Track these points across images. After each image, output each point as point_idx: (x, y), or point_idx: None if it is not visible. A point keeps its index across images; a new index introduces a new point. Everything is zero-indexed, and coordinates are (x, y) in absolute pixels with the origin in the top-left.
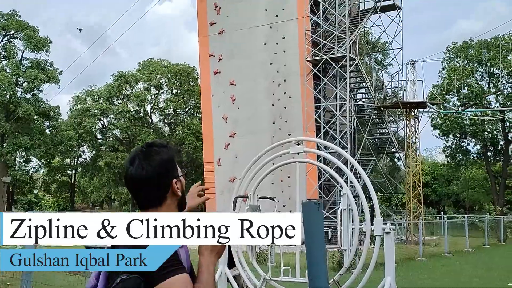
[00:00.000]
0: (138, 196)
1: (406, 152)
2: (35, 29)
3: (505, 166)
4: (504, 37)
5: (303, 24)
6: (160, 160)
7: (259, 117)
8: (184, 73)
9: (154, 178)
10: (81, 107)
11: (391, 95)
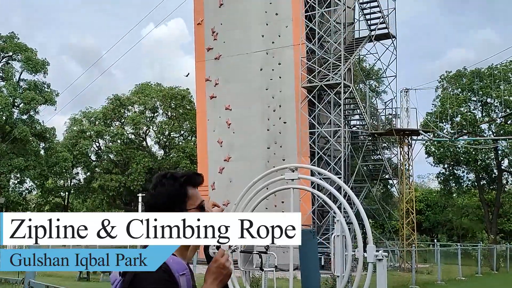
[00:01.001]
0: None
1: (399, 179)
2: (34, 51)
3: (498, 195)
4: (497, 66)
5: (299, 51)
6: (165, 192)
7: (254, 142)
8: (179, 97)
9: (161, 208)
10: (77, 129)
11: (385, 122)
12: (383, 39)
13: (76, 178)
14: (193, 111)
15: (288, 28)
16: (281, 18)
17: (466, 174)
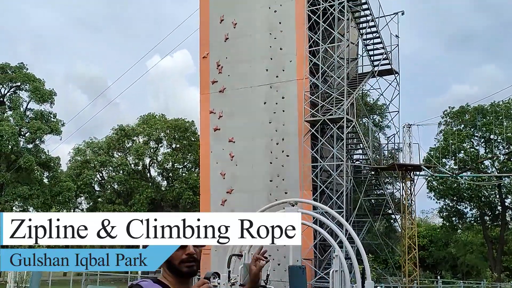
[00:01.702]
0: None
1: (402, 214)
2: (41, 81)
3: (502, 232)
4: (499, 103)
5: (302, 85)
6: None
7: (256, 175)
8: (183, 128)
9: None
10: (81, 159)
11: (387, 156)
12: (386, 74)
13: (79, 207)
14: (196, 142)
15: (292, 63)
16: (285, 53)
17: (470, 210)
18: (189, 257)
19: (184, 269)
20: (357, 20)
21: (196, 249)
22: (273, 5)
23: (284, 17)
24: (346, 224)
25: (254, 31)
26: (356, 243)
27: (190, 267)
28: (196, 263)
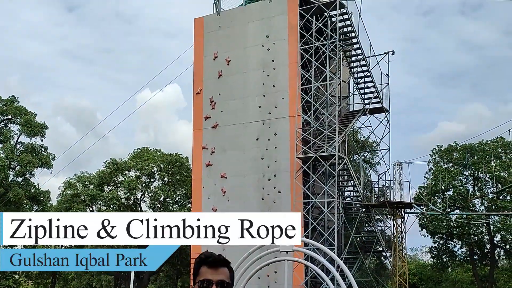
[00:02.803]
0: None
1: (392, 252)
2: (33, 114)
3: (492, 270)
4: (488, 142)
5: (294, 122)
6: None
7: (248, 210)
8: (177, 163)
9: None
10: (71, 193)
11: (378, 194)
12: (377, 112)
13: None
14: (189, 178)
15: (284, 100)
16: (278, 90)
17: (459, 248)
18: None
19: None
20: (348, 59)
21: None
22: (266, 43)
23: (277, 55)
24: (338, 260)
25: (247, 68)
26: (349, 279)
27: None
28: None
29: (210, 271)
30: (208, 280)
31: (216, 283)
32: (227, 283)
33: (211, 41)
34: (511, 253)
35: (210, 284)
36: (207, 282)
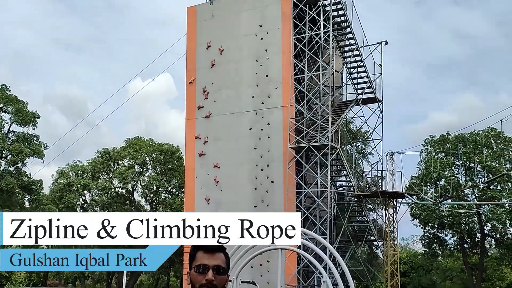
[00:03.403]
0: None
1: (384, 241)
2: (24, 103)
3: (481, 259)
4: (479, 132)
5: (287, 112)
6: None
7: (241, 200)
8: (169, 153)
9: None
10: (64, 182)
11: (370, 184)
12: (369, 102)
13: None
14: (181, 167)
15: (277, 90)
16: (271, 80)
17: (450, 237)
18: (207, 283)
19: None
20: (342, 49)
21: (217, 276)
22: (260, 33)
23: (270, 45)
24: (331, 248)
25: (241, 58)
26: (342, 267)
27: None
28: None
29: (207, 256)
30: (204, 265)
31: (212, 267)
32: (223, 268)
33: (204, 30)
34: (501, 242)
35: (206, 268)
36: (203, 266)
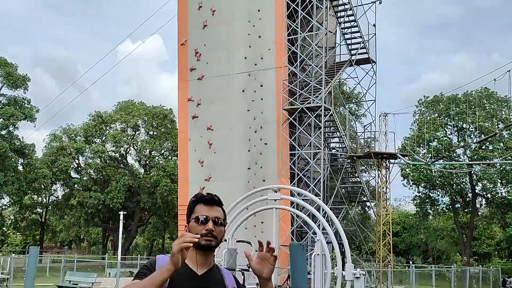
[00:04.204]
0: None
1: (377, 201)
2: (14, 66)
3: (472, 218)
4: (472, 93)
5: (280, 73)
6: (187, 206)
7: (234, 163)
8: (161, 116)
9: (186, 216)
10: (56, 145)
11: (363, 145)
12: (363, 63)
13: (55, 195)
14: (174, 130)
15: (270, 51)
16: (264, 41)
17: (442, 197)
18: (208, 233)
19: (202, 243)
20: (335, 9)
21: (216, 228)
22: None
23: (263, 5)
24: (325, 207)
25: (233, 18)
26: (336, 225)
27: (208, 241)
28: (215, 240)
29: (206, 209)
30: (204, 216)
31: (212, 219)
32: (222, 220)
33: None
34: (491, 201)
35: (206, 219)
36: (203, 218)
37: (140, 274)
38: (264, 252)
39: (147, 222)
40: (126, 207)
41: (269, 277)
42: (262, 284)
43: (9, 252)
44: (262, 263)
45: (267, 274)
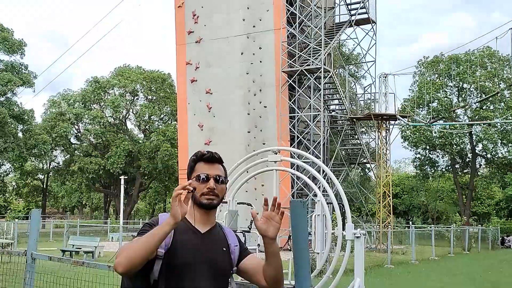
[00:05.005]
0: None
1: (377, 163)
2: (10, 31)
3: (472, 178)
4: (474, 52)
5: (279, 35)
6: (188, 164)
7: (234, 126)
8: (160, 80)
9: (187, 174)
10: (55, 111)
11: (363, 107)
12: (363, 24)
13: (55, 161)
14: (173, 94)
15: (269, 12)
16: (262, 2)
17: (441, 158)
18: (209, 191)
19: (204, 201)
20: None
21: (217, 185)
22: None
23: None
24: (326, 169)
25: None
26: (336, 187)
27: (209, 199)
28: (217, 198)
29: (207, 167)
30: (205, 174)
31: (213, 177)
32: (223, 178)
33: None
34: (491, 161)
35: (207, 178)
36: (205, 176)
37: (142, 231)
38: (269, 211)
39: (148, 187)
40: (126, 172)
41: (275, 236)
42: (267, 244)
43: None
44: (267, 222)
45: (273, 233)
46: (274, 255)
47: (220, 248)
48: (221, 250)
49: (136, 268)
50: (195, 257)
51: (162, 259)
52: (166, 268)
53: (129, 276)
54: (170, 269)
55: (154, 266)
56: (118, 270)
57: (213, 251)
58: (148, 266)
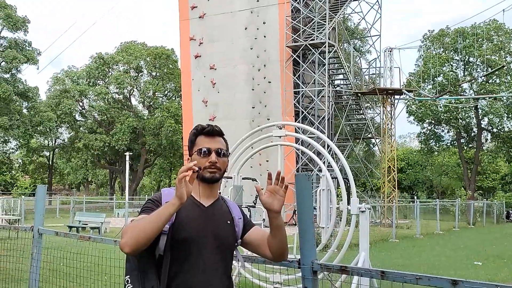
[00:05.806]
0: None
1: (382, 138)
2: (13, 8)
3: (477, 152)
4: (480, 25)
5: (283, 9)
6: (188, 138)
7: (238, 101)
8: (164, 56)
9: (188, 148)
10: (60, 88)
11: (368, 81)
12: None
13: (60, 137)
14: (177, 70)
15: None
16: None
17: (447, 132)
18: (211, 165)
19: (206, 175)
20: None
21: (219, 159)
22: None
23: None
24: (331, 144)
25: None
26: (342, 162)
27: (212, 173)
28: (219, 171)
29: (208, 140)
30: (206, 148)
31: (215, 150)
32: (224, 151)
33: None
34: (497, 135)
35: (209, 151)
36: (206, 149)
37: (146, 208)
38: (273, 185)
39: (153, 163)
40: (131, 148)
41: (279, 210)
42: (271, 218)
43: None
44: (272, 196)
45: (277, 207)
46: (279, 229)
47: (224, 221)
48: (225, 223)
49: (142, 248)
50: (199, 230)
51: (167, 233)
52: (171, 242)
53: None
54: (175, 243)
55: (159, 241)
56: (125, 250)
57: (217, 224)
58: (153, 241)
